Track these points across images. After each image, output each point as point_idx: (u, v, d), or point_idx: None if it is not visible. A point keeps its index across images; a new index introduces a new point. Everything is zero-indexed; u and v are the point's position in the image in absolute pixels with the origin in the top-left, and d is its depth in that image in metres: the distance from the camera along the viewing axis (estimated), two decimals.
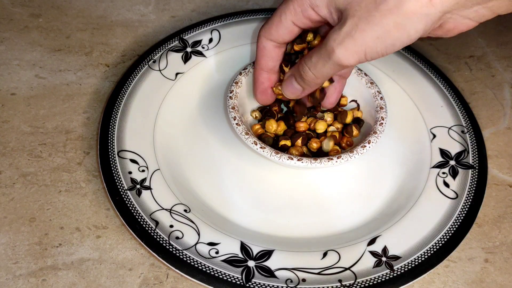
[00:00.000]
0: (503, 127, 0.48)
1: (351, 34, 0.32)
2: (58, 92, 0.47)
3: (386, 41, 0.32)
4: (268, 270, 0.36)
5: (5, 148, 0.43)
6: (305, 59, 0.37)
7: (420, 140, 0.45)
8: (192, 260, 0.36)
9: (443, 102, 0.47)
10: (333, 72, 0.36)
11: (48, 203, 0.40)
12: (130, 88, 0.45)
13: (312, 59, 0.36)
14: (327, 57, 0.34)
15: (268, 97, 0.42)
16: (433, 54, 0.53)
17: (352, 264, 0.37)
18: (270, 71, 0.41)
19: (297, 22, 0.36)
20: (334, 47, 0.33)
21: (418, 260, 0.37)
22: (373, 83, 0.45)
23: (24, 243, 0.38)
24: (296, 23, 0.36)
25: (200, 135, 0.45)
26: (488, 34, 0.56)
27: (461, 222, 0.39)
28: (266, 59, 0.40)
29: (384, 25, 0.31)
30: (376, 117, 0.43)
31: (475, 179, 0.42)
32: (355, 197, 0.42)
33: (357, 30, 0.32)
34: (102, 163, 0.40)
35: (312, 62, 0.36)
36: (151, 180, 0.40)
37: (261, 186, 0.42)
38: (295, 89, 0.39)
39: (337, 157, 0.39)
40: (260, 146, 0.40)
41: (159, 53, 0.48)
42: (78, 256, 0.38)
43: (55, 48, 0.51)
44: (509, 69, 0.53)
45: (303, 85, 0.39)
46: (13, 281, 0.36)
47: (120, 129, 0.43)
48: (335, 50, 0.33)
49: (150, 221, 0.38)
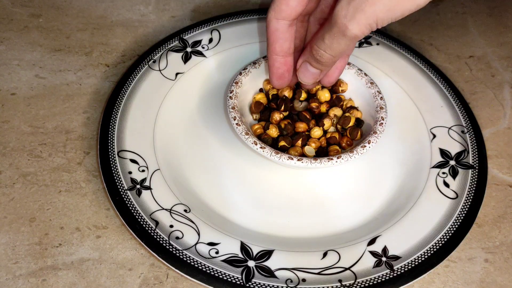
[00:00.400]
0: (503, 127, 0.48)
1: (362, 8, 0.32)
2: (58, 92, 0.47)
3: (396, 11, 0.32)
4: (268, 270, 0.36)
5: (5, 148, 0.43)
6: (317, 42, 0.37)
7: (420, 140, 0.45)
8: (192, 260, 0.36)
9: (443, 102, 0.47)
10: (348, 46, 0.36)
11: (48, 203, 0.40)
12: (130, 88, 0.45)
13: (326, 41, 0.36)
14: (341, 34, 0.34)
15: (285, 81, 0.42)
16: (433, 54, 0.53)
17: (352, 264, 0.37)
18: (285, 54, 0.40)
19: None
20: (347, 23, 0.33)
21: (418, 260, 0.37)
22: (373, 83, 0.45)
23: (24, 243, 0.38)
24: None
25: (200, 135, 0.45)
26: (488, 34, 0.56)
27: (461, 222, 0.39)
28: (280, 42, 0.39)
29: None
30: (376, 117, 0.43)
31: (475, 179, 0.42)
32: (355, 197, 0.42)
33: (367, 3, 0.32)
34: (102, 163, 0.40)
35: (326, 43, 0.36)
36: (151, 180, 0.40)
37: (261, 186, 0.42)
38: (313, 73, 0.40)
39: (337, 157, 0.39)
40: (260, 146, 0.40)
41: (159, 53, 0.48)
42: (78, 256, 0.38)
43: (55, 48, 0.51)
44: (509, 69, 0.53)
45: (320, 67, 0.39)
46: (13, 281, 0.36)
47: (120, 129, 0.43)
48: (348, 26, 0.33)
49: (150, 221, 0.38)
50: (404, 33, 0.55)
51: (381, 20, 0.33)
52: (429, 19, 0.57)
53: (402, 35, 0.55)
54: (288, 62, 0.41)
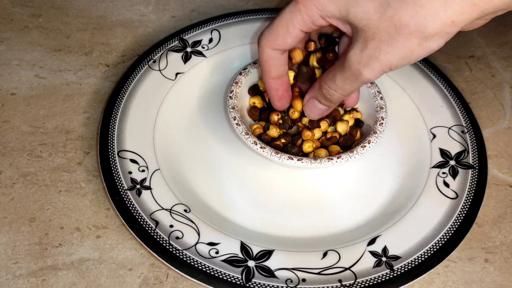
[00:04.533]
0: (503, 127, 0.48)
1: (376, 56, 0.32)
2: (58, 92, 0.47)
3: (410, 59, 0.32)
4: (268, 270, 0.36)
5: (5, 148, 0.43)
6: (328, 82, 0.37)
7: (420, 140, 0.45)
8: (192, 260, 0.36)
9: (443, 102, 0.47)
10: (358, 88, 0.37)
11: (48, 203, 0.40)
12: (130, 88, 0.45)
13: (337, 82, 0.36)
14: (355, 78, 0.34)
15: (287, 100, 0.42)
16: (433, 54, 0.53)
17: (352, 264, 0.37)
18: (281, 76, 0.40)
19: (306, 29, 0.36)
20: (361, 69, 0.33)
21: (418, 260, 0.37)
22: (373, 83, 0.45)
23: (24, 243, 0.38)
24: (304, 30, 0.36)
25: (200, 135, 0.45)
26: (488, 34, 0.56)
27: (461, 222, 0.39)
28: (275, 68, 0.39)
29: (407, 46, 0.31)
30: (376, 117, 0.43)
31: (475, 179, 0.42)
32: (355, 197, 0.42)
33: (381, 52, 0.32)
34: (102, 163, 0.40)
35: (337, 84, 0.36)
36: (151, 180, 0.40)
37: (261, 186, 0.42)
38: (321, 110, 0.40)
39: (337, 157, 0.39)
40: (260, 146, 0.40)
41: (159, 53, 0.48)
42: (78, 256, 0.38)
43: (55, 48, 0.51)
44: (509, 69, 0.53)
45: (329, 104, 0.39)
46: (13, 281, 0.36)
47: (120, 129, 0.43)
48: (362, 72, 0.33)
49: (150, 221, 0.38)
50: None
51: (395, 66, 0.33)
52: None
53: None
54: (285, 82, 0.41)
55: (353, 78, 0.35)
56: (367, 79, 0.34)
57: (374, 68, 0.33)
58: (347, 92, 0.37)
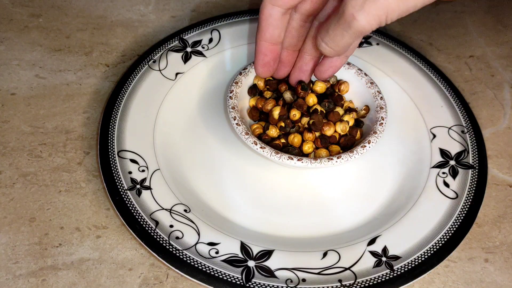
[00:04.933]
0: (503, 127, 0.48)
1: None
2: (58, 92, 0.47)
3: (409, 2, 0.31)
4: (268, 270, 0.36)
5: (5, 148, 0.43)
6: (320, 33, 0.35)
7: (420, 140, 0.45)
8: (192, 260, 0.36)
9: (443, 102, 0.47)
10: (352, 42, 0.34)
11: (48, 203, 0.40)
12: (130, 88, 0.45)
13: (329, 31, 0.34)
14: (347, 25, 0.32)
15: (270, 70, 0.41)
16: (433, 54, 0.53)
17: (352, 264, 0.37)
18: (274, 41, 0.39)
19: None
20: (355, 13, 0.31)
21: (418, 260, 0.37)
22: (373, 83, 0.45)
23: (24, 243, 0.38)
24: None
25: (200, 135, 0.45)
26: (488, 34, 0.56)
27: (461, 222, 0.39)
28: (271, 29, 0.38)
29: None
30: (376, 117, 0.43)
31: (475, 179, 0.42)
32: (355, 197, 0.42)
33: None
34: (102, 163, 0.40)
35: (329, 34, 0.34)
36: (151, 180, 0.40)
37: (261, 186, 0.42)
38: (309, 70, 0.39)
39: (337, 157, 0.39)
40: (260, 146, 0.40)
41: (159, 53, 0.48)
42: (78, 256, 0.38)
43: (55, 48, 0.51)
44: (509, 69, 0.53)
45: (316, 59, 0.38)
46: (13, 281, 0.36)
47: (120, 129, 0.43)
48: (356, 16, 0.31)
49: (150, 221, 0.38)
50: (404, 33, 0.55)
51: (391, 12, 0.31)
52: (429, 19, 0.57)
53: (402, 35, 0.55)
54: (275, 51, 0.40)
55: (346, 26, 0.32)
56: (361, 26, 0.31)
57: (369, 12, 0.31)
58: (340, 45, 0.34)
